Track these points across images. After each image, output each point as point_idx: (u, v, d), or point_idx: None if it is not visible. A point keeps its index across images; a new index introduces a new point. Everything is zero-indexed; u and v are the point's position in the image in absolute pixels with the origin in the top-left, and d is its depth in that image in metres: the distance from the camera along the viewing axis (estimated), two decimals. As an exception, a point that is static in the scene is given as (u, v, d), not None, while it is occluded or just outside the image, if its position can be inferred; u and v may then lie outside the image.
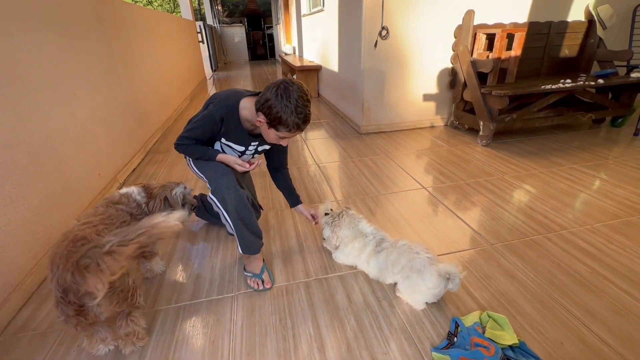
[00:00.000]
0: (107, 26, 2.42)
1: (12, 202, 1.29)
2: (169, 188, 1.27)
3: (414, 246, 1.23)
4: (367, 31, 2.82)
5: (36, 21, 1.60)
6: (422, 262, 1.15)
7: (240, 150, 1.36)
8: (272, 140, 1.23)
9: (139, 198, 1.21)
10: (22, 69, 1.46)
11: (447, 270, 1.12)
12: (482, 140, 2.78)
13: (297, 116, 1.10)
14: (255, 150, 1.40)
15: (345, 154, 2.72)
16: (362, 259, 1.33)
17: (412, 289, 1.18)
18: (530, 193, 1.98)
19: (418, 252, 1.19)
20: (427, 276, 1.13)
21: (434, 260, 1.17)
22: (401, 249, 1.23)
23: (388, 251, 1.26)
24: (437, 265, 1.14)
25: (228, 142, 1.32)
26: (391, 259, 1.24)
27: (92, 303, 0.87)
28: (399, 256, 1.22)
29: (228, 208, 1.20)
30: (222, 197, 1.19)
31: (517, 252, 1.48)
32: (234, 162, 1.29)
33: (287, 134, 1.16)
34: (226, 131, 1.26)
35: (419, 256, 1.17)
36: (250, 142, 1.33)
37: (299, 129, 1.14)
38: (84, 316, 0.91)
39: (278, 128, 1.14)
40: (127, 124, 2.57)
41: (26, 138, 1.42)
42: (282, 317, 1.19)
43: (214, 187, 1.20)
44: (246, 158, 1.41)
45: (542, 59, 3.16)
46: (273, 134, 1.18)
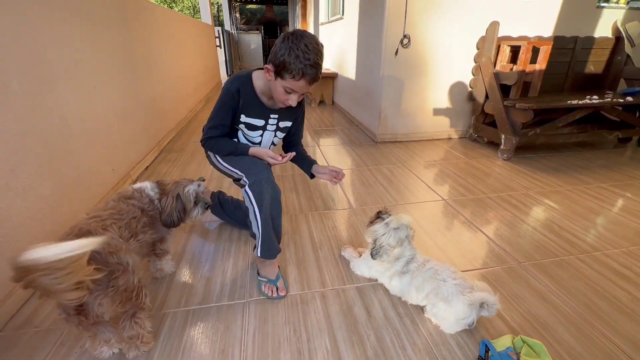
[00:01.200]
0: (130, 22, 2.43)
1: (24, 192, 1.25)
2: (182, 185, 1.22)
3: (441, 271, 1.12)
4: (389, 39, 2.78)
5: (61, 9, 1.60)
6: (449, 290, 1.06)
7: (260, 125, 1.28)
8: (280, 97, 1.14)
9: (152, 194, 1.16)
10: (44, 56, 1.44)
11: (482, 299, 1.00)
12: (503, 154, 2.69)
13: (302, 61, 1.01)
14: (276, 127, 1.32)
15: (360, 162, 2.65)
16: (385, 275, 1.24)
17: (441, 317, 1.09)
18: (557, 210, 1.88)
19: (444, 279, 1.09)
20: (455, 305, 1.04)
21: (463, 287, 1.06)
22: (426, 274, 1.13)
23: (413, 274, 1.16)
24: (468, 294, 1.03)
25: (248, 119, 1.25)
26: (415, 284, 1.15)
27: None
28: (423, 282, 1.13)
29: (263, 204, 1.14)
30: (260, 192, 1.13)
31: (548, 272, 1.38)
32: (266, 155, 1.23)
33: (292, 84, 1.07)
34: (244, 104, 1.22)
35: (445, 284, 1.08)
36: (269, 114, 1.27)
37: (305, 77, 1.05)
38: (85, 316, 0.85)
39: (283, 75, 1.07)
40: (143, 121, 2.56)
41: (43, 127, 1.40)
42: (296, 329, 1.11)
43: (253, 180, 1.14)
44: (268, 136, 1.33)
45: (566, 74, 3.08)
46: (279, 87, 1.11)
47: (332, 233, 1.66)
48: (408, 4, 2.66)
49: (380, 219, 1.20)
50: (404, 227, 1.16)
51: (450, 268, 1.13)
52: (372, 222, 1.23)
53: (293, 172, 2.43)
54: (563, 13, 2.94)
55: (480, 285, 1.07)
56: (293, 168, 2.52)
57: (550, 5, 2.91)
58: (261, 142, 1.35)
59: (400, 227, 1.16)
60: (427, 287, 1.11)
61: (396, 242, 1.15)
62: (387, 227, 1.16)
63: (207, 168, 2.48)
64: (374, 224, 1.21)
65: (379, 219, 1.21)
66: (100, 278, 0.83)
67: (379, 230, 1.17)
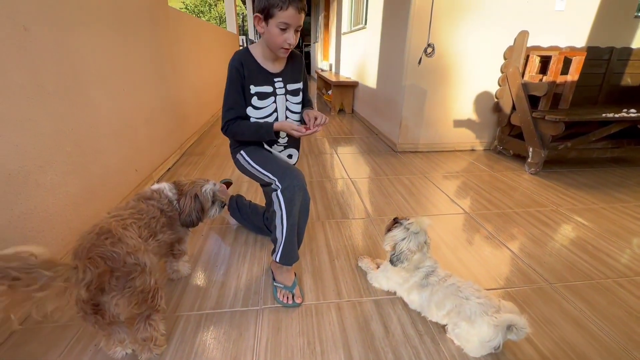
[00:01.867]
0: (159, 29, 2.52)
1: (53, 188, 1.29)
2: (199, 185, 1.22)
3: (463, 287, 1.05)
4: (412, 48, 2.75)
5: (97, 17, 1.67)
6: (472, 309, 0.99)
7: (270, 92, 1.26)
8: (277, 40, 1.12)
9: (171, 194, 1.17)
10: (79, 61, 1.50)
11: (510, 321, 0.92)
12: (530, 168, 2.57)
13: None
14: (285, 90, 1.30)
15: (380, 171, 2.61)
16: (403, 287, 1.19)
17: (464, 339, 1.02)
18: (591, 229, 1.76)
19: (467, 296, 1.02)
20: (480, 326, 0.96)
21: (488, 306, 0.98)
22: (447, 290, 1.07)
23: (433, 289, 1.10)
24: (494, 314, 0.96)
25: (257, 88, 1.24)
26: (435, 299, 1.09)
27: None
28: (444, 298, 1.07)
29: (293, 211, 1.13)
30: (291, 198, 1.12)
31: (583, 296, 1.28)
32: (291, 128, 1.19)
33: (283, 16, 1.07)
34: (249, 74, 1.22)
35: (468, 302, 1.01)
36: (273, 79, 1.26)
37: (291, 4, 1.05)
38: (101, 315, 0.85)
39: (272, 13, 1.07)
40: (167, 124, 2.62)
41: (74, 127, 1.45)
42: (310, 340, 1.07)
43: (286, 185, 1.12)
44: (281, 102, 1.30)
45: (601, 86, 2.93)
46: (273, 29, 1.10)
47: (349, 242, 1.62)
48: (433, 13, 2.62)
49: (398, 224, 1.16)
50: (423, 231, 1.13)
51: (473, 285, 1.06)
52: (390, 228, 1.19)
53: (311, 179, 2.41)
54: (598, 23, 2.81)
55: (507, 306, 1.00)
56: (311, 175, 2.50)
57: (584, 15, 2.79)
58: (277, 110, 1.30)
59: (420, 231, 1.12)
60: (449, 304, 1.05)
61: (417, 247, 1.11)
62: (407, 232, 1.12)
63: (226, 172, 2.50)
64: (392, 230, 1.17)
65: (397, 224, 1.17)
66: (118, 278, 0.83)
67: (398, 235, 1.13)
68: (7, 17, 1.12)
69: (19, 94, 1.15)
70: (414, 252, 1.11)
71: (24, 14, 1.19)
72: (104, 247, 0.83)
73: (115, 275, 0.82)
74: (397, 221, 1.18)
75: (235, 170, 2.49)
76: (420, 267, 1.14)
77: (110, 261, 0.82)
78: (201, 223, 1.26)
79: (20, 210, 1.14)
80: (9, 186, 1.10)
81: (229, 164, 2.65)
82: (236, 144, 1.35)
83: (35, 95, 1.23)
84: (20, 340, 1.05)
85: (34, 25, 1.24)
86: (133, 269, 0.85)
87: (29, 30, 1.21)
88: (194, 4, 17.33)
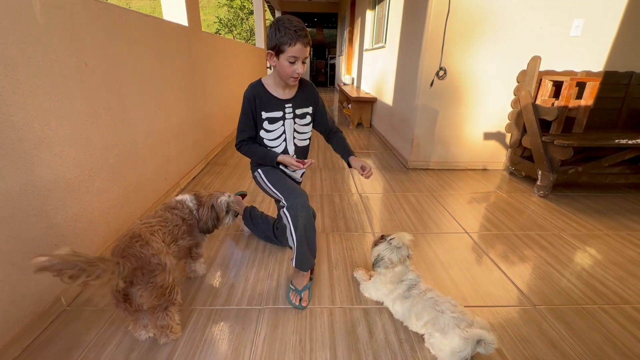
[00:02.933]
0: (192, 53, 2.83)
1: (99, 194, 1.55)
2: (216, 197, 1.42)
3: (440, 302, 1.17)
4: (424, 69, 2.88)
5: (142, 50, 1.96)
6: (446, 321, 1.11)
7: (279, 116, 1.44)
8: (287, 71, 1.30)
9: (191, 205, 1.38)
10: (125, 87, 1.78)
11: (479, 335, 1.02)
12: (539, 190, 2.59)
13: (290, 29, 1.21)
14: (294, 114, 1.47)
15: (388, 187, 2.73)
16: (389, 298, 1.32)
17: (437, 348, 1.13)
18: (591, 256, 1.79)
19: (443, 310, 1.14)
20: (451, 338, 1.08)
21: (460, 320, 1.10)
22: (426, 303, 1.19)
23: (414, 301, 1.23)
24: (465, 328, 1.07)
25: (268, 114, 1.42)
26: (415, 310, 1.22)
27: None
28: (422, 310, 1.19)
29: (298, 226, 1.31)
30: (295, 215, 1.30)
31: (564, 319, 1.34)
32: (290, 162, 1.41)
33: (291, 51, 1.24)
34: (260, 103, 1.41)
35: (443, 315, 1.13)
36: (284, 104, 1.44)
37: (298, 39, 1.23)
38: (129, 303, 1.05)
39: (282, 49, 1.25)
40: (195, 137, 2.91)
41: (117, 142, 1.72)
42: (302, 339, 1.23)
43: (290, 204, 1.31)
44: (289, 125, 1.47)
45: (620, 110, 2.90)
46: (284, 62, 1.28)
47: (349, 254, 1.76)
48: (446, 37, 2.74)
49: (383, 239, 1.33)
50: (405, 246, 1.29)
51: (451, 301, 1.18)
52: (376, 243, 1.35)
53: (322, 192, 2.58)
54: (616, 48, 2.81)
55: (480, 322, 1.11)
56: (322, 188, 2.67)
57: (601, 40, 2.79)
58: (285, 132, 1.47)
59: (402, 246, 1.28)
60: (426, 315, 1.17)
61: (398, 259, 1.28)
62: (389, 246, 1.29)
63: (245, 181, 2.73)
64: (377, 245, 1.33)
65: (382, 240, 1.34)
66: (144, 274, 1.04)
67: (381, 250, 1.31)
68: (73, 55, 1.40)
69: (79, 118, 1.43)
70: (394, 263, 1.28)
71: (86, 52, 1.47)
72: (134, 249, 1.04)
73: (142, 271, 1.03)
74: (383, 237, 1.33)
75: (252, 182, 2.72)
76: (403, 279, 1.28)
77: (139, 260, 1.03)
78: (217, 230, 1.46)
79: (73, 211, 1.40)
80: (67, 192, 1.36)
81: (249, 174, 2.88)
82: (255, 163, 1.56)
83: (90, 118, 1.50)
84: (67, 318, 1.29)
85: (93, 60, 1.52)
86: (156, 267, 1.05)
87: (88, 66, 1.49)
88: (227, 18, 18.29)
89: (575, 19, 2.72)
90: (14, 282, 1.12)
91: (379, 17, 5.19)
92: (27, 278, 1.17)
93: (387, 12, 4.38)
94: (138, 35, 1.93)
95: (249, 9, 17.90)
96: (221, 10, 18.71)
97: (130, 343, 1.19)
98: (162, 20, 2.29)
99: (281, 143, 1.48)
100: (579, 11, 2.70)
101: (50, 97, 1.27)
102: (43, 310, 1.24)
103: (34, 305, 1.20)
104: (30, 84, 1.18)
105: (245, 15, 18.29)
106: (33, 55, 1.19)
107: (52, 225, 1.29)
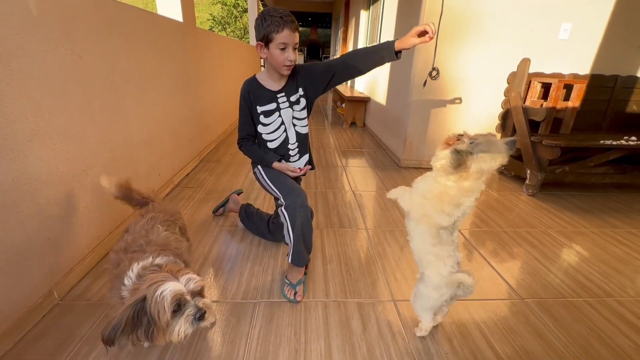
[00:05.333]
0: (187, 48, 2.81)
1: (93, 189, 1.54)
2: (160, 283, 0.81)
3: (453, 253, 1.09)
4: (417, 70, 2.92)
5: (138, 44, 1.95)
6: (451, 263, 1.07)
7: (274, 108, 1.41)
8: (279, 59, 1.27)
9: (129, 280, 0.87)
10: (120, 80, 1.77)
11: (459, 279, 1.03)
12: (528, 189, 2.66)
13: (276, 17, 1.20)
14: (288, 102, 1.42)
15: (381, 185, 2.76)
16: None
17: (427, 278, 1.10)
18: (576, 252, 1.85)
19: (445, 263, 1.07)
20: (444, 268, 1.06)
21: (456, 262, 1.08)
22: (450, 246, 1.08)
23: (439, 238, 1.06)
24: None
25: (263, 107, 1.41)
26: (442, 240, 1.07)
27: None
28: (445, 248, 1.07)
29: (296, 225, 1.32)
30: (293, 214, 1.31)
31: (550, 311, 1.39)
32: (287, 169, 1.43)
33: (280, 37, 1.22)
34: (255, 98, 1.40)
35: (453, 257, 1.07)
36: (276, 95, 1.41)
37: (286, 25, 1.21)
38: None
39: (271, 37, 1.23)
40: (189, 133, 2.90)
41: (111, 137, 1.70)
42: (297, 331, 1.24)
43: (289, 203, 1.32)
44: (286, 114, 1.43)
45: (605, 112, 2.99)
46: (274, 51, 1.25)
47: (342, 249, 1.79)
48: (439, 38, 2.79)
49: (461, 142, 0.97)
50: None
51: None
52: (450, 143, 0.99)
53: (316, 190, 2.60)
54: (602, 52, 2.89)
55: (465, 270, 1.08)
56: (317, 185, 2.69)
57: (587, 44, 2.88)
58: (284, 122, 1.44)
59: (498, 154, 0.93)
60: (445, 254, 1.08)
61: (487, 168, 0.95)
62: (475, 147, 0.93)
63: (239, 179, 2.73)
64: (454, 145, 0.97)
65: (459, 140, 0.98)
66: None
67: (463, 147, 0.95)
68: (67, 48, 1.39)
69: (73, 111, 1.41)
70: (483, 173, 0.95)
71: (81, 45, 1.46)
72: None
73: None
74: (460, 138, 0.99)
75: (247, 179, 2.72)
76: (460, 204, 1.01)
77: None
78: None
79: (66, 205, 1.39)
80: (60, 185, 1.35)
81: (243, 171, 2.88)
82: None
83: (84, 111, 1.49)
84: (60, 312, 1.28)
85: (87, 54, 1.50)
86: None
87: (83, 59, 1.48)
88: (221, 16, 18.16)
89: (564, 22, 2.80)
90: (5, 275, 1.11)
91: (373, 18, 5.24)
92: (18, 271, 1.16)
93: (382, 12, 4.43)
94: (133, 29, 1.91)
95: (243, 7, 17.80)
96: (215, 8, 18.56)
97: (124, 336, 1.19)
98: (157, 15, 2.28)
99: (281, 134, 1.45)
100: (567, 15, 2.78)
101: (44, 90, 1.26)
102: (35, 304, 1.23)
103: (25, 299, 1.19)
104: (23, 76, 1.17)
105: (238, 13, 18.19)
106: (27, 47, 1.18)
107: (45, 218, 1.27)
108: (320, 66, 1.44)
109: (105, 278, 1.48)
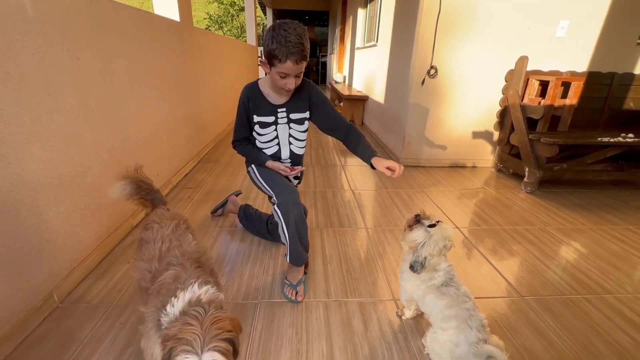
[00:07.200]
0: (185, 48, 2.80)
1: (92, 190, 1.53)
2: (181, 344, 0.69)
3: (474, 316, 1.00)
4: (416, 68, 2.92)
5: (134, 43, 1.93)
6: (470, 338, 0.96)
7: (271, 121, 1.42)
8: (279, 83, 1.26)
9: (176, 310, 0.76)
10: (117, 81, 1.76)
11: (489, 352, 0.89)
12: (526, 187, 2.67)
13: (284, 45, 1.14)
14: (288, 119, 1.43)
15: (380, 184, 2.77)
16: (420, 288, 1.13)
17: (439, 343, 1.03)
18: (575, 249, 1.86)
19: (471, 326, 0.97)
20: (457, 336, 0.97)
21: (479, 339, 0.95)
22: (461, 313, 1.01)
23: (449, 302, 1.04)
24: (479, 342, 0.94)
25: (259, 118, 1.41)
26: (447, 313, 1.03)
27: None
28: (453, 317, 1.01)
29: (289, 222, 1.31)
30: (286, 212, 1.30)
31: (550, 309, 1.40)
32: (278, 168, 1.44)
33: (282, 67, 1.19)
34: (253, 107, 1.40)
35: (470, 331, 0.97)
36: (277, 109, 1.41)
37: (289, 58, 1.16)
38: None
39: (273, 63, 1.19)
40: (187, 133, 2.88)
41: (109, 138, 1.69)
42: (298, 331, 1.24)
43: (281, 201, 1.31)
44: (282, 130, 1.44)
45: (602, 109, 3.00)
46: (275, 74, 1.23)
47: (343, 249, 1.79)
48: (437, 36, 2.79)
49: (419, 223, 1.09)
50: (444, 238, 1.09)
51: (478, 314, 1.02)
52: (410, 225, 1.12)
53: (315, 189, 2.60)
54: (599, 50, 2.91)
55: (494, 341, 0.98)
56: (315, 185, 2.69)
57: (584, 42, 2.89)
58: (278, 137, 1.45)
59: (441, 238, 1.08)
60: (453, 312, 1.02)
61: (437, 252, 1.07)
62: (426, 235, 1.06)
63: (238, 179, 2.72)
64: (412, 229, 1.10)
65: (417, 223, 1.10)
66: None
67: (418, 238, 1.07)
68: (64, 49, 1.38)
69: (70, 112, 1.40)
70: (433, 256, 1.08)
71: (77, 46, 1.45)
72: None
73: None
74: (418, 219, 1.11)
75: (246, 178, 2.72)
76: (437, 269, 1.11)
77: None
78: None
79: (65, 207, 1.38)
80: (58, 187, 1.34)
81: (241, 172, 2.88)
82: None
83: (82, 112, 1.48)
84: (60, 315, 1.27)
85: (84, 55, 1.49)
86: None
87: (79, 59, 1.46)
88: (217, 14, 18.06)
89: (561, 20, 2.80)
90: (4, 278, 1.11)
91: (371, 16, 5.22)
92: (18, 274, 1.15)
93: (379, 10, 4.42)
94: (130, 29, 1.90)
95: (240, 6, 17.71)
96: (211, 7, 18.46)
97: (125, 339, 1.18)
98: (154, 15, 2.26)
99: (273, 146, 1.48)
100: (565, 13, 2.79)
101: (41, 91, 1.25)
102: (35, 307, 1.22)
103: (25, 302, 1.19)
104: (20, 77, 1.16)
105: (235, 11, 18.10)
106: (23, 48, 1.17)
107: (44, 221, 1.26)
108: (330, 112, 1.49)
109: (105, 279, 1.47)
